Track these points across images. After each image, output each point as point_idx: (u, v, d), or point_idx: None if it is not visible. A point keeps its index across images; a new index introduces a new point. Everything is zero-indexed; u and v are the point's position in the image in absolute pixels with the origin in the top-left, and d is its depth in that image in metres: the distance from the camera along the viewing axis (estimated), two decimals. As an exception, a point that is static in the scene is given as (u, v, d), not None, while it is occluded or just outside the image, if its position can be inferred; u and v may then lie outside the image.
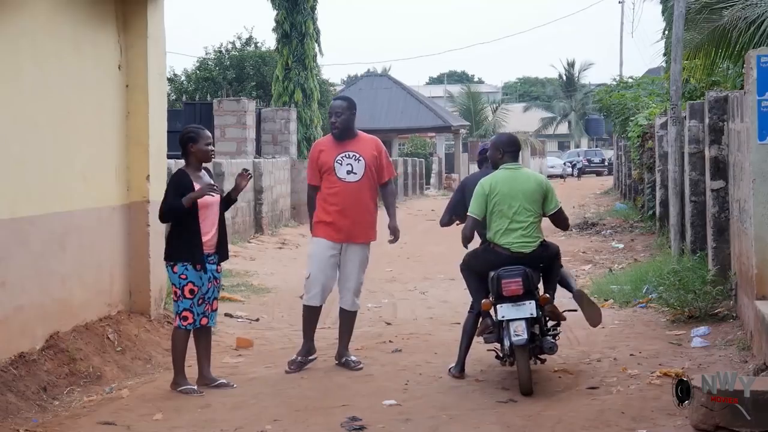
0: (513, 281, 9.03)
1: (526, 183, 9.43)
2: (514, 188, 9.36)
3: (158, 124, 11.53)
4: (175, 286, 9.03)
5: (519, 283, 9.02)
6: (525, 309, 9.00)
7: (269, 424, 7.93)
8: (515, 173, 9.46)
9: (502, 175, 9.47)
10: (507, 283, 9.03)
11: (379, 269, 19.14)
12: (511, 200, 9.33)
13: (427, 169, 56.92)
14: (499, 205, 9.34)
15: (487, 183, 9.44)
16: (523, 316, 8.96)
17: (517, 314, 8.98)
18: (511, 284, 9.02)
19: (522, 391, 8.82)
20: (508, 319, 9.01)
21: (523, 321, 8.94)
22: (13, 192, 8.86)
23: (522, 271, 9.08)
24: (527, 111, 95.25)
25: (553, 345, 9.21)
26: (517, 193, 9.35)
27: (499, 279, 9.07)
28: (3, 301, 8.66)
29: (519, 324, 8.93)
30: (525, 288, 9.04)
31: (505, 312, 9.03)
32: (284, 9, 35.93)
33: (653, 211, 21.64)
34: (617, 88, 34.79)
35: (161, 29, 11.65)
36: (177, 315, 9.09)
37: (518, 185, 9.38)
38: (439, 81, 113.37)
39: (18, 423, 7.90)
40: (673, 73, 15.83)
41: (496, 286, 9.11)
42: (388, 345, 11.19)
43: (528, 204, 9.35)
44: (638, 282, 14.08)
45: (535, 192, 9.40)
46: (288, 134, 31.86)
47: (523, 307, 9.01)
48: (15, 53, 8.98)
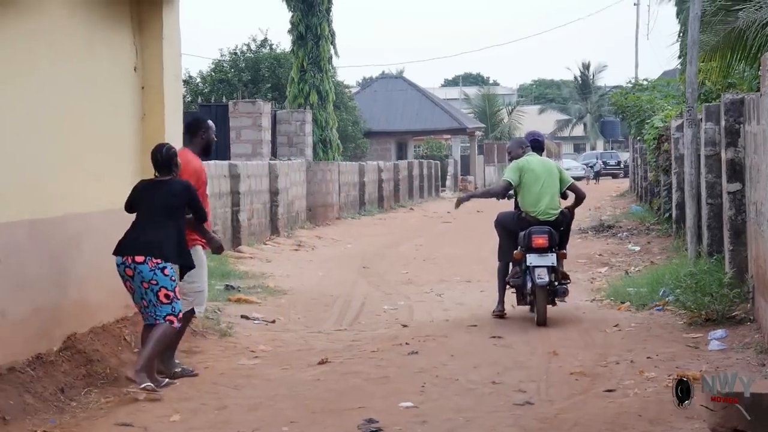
0: (541, 236, 12.10)
1: (548, 164, 12.79)
2: (540, 168, 12.55)
3: (174, 126, 11.52)
4: (167, 288, 9.08)
5: (545, 238, 12.10)
6: (548, 259, 12.07)
7: (286, 426, 7.93)
8: (540, 158, 12.78)
9: (531, 158, 12.65)
10: (536, 237, 12.10)
11: (395, 271, 19.17)
12: (537, 176, 12.44)
13: (442, 172, 56.93)
14: (529, 180, 12.43)
15: (523, 161, 12.60)
16: (545, 264, 12.04)
17: (541, 262, 12.05)
18: (539, 238, 12.08)
19: (538, 322, 12.06)
20: (534, 266, 12.02)
21: (545, 268, 12.01)
22: (29, 194, 8.87)
23: (548, 230, 12.20)
24: (543, 113, 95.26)
25: (565, 290, 12.46)
26: (543, 171, 12.53)
27: (530, 234, 12.14)
28: (21, 302, 8.67)
29: (542, 270, 11.99)
30: (549, 243, 12.11)
31: (532, 260, 12.07)
32: (300, 11, 35.99)
33: (669, 213, 21.60)
34: (633, 90, 34.71)
35: (177, 31, 11.65)
36: (174, 316, 9.13)
37: (543, 166, 12.62)
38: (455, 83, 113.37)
39: (36, 424, 7.92)
40: (688, 75, 15.78)
41: (527, 240, 12.14)
42: (405, 347, 11.17)
43: (551, 180, 12.50)
44: (655, 285, 14.04)
45: (554, 172, 12.61)
46: (303, 136, 31.90)
47: (546, 257, 12.07)
48: (31, 55, 8.99)
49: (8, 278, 8.49)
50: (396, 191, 43.42)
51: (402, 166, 45.42)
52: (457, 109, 70.35)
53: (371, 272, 19.16)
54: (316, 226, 29.48)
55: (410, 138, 63.59)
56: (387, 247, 24.47)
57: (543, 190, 12.41)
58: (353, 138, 51.23)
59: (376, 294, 16.06)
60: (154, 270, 9.04)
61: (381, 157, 53.74)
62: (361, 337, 11.96)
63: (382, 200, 40.46)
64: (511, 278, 12.56)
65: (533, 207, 12.40)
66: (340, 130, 40.49)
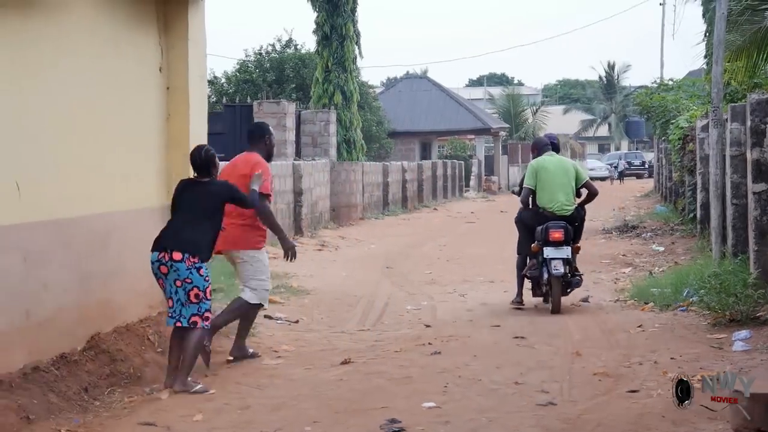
0: (557, 231, 13.15)
1: (562, 163, 13.73)
2: (554, 166, 13.55)
3: (199, 126, 11.56)
4: (199, 288, 9.17)
5: (561, 233, 13.15)
6: (563, 251, 13.16)
7: (308, 426, 7.94)
8: (553, 158, 13.71)
9: (544, 158, 13.68)
10: (553, 231, 13.15)
11: (419, 271, 19.17)
12: (552, 174, 13.45)
13: (466, 172, 56.88)
14: (546, 179, 13.44)
15: (536, 163, 13.67)
16: (561, 257, 13.13)
17: (557, 254, 13.12)
18: (555, 233, 13.13)
19: (552, 310, 13.16)
20: (550, 258, 13.09)
21: (561, 260, 13.10)
22: (54, 193, 8.91)
23: (564, 225, 13.26)
24: (567, 113, 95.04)
25: (579, 280, 13.60)
26: (557, 169, 13.54)
27: (548, 229, 13.18)
28: (45, 301, 8.71)
29: (558, 261, 13.09)
30: (565, 237, 13.16)
31: (549, 252, 13.14)
32: (324, 11, 36.00)
33: (694, 213, 21.51)
34: (658, 91, 34.60)
35: (202, 31, 11.68)
36: (199, 316, 9.20)
37: (556, 165, 13.60)
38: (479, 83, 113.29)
39: (60, 423, 7.95)
40: (714, 75, 15.71)
41: (544, 234, 13.18)
42: (428, 347, 11.17)
43: (565, 177, 13.51)
44: (679, 285, 13.99)
45: (569, 170, 13.62)
46: (328, 136, 31.93)
47: (562, 249, 13.15)
48: (56, 54, 9.03)
49: (32, 278, 8.53)
50: (420, 191, 43.41)
51: (426, 166, 45.41)
52: (481, 109, 70.24)
53: (395, 272, 19.17)
54: (339, 227, 29.50)
55: (434, 138, 63.54)
56: (410, 247, 24.48)
57: (557, 187, 13.48)
58: (377, 138, 51.23)
59: (400, 294, 16.07)
60: (190, 269, 9.15)
61: (405, 157, 53.74)
62: (384, 337, 11.97)
63: (406, 200, 40.46)
64: (528, 270, 13.60)
65: (549, 203, 13.46)
66: (364, 131, 40.48)
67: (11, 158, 8.31)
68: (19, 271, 8.37)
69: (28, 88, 8.59)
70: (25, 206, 8.43)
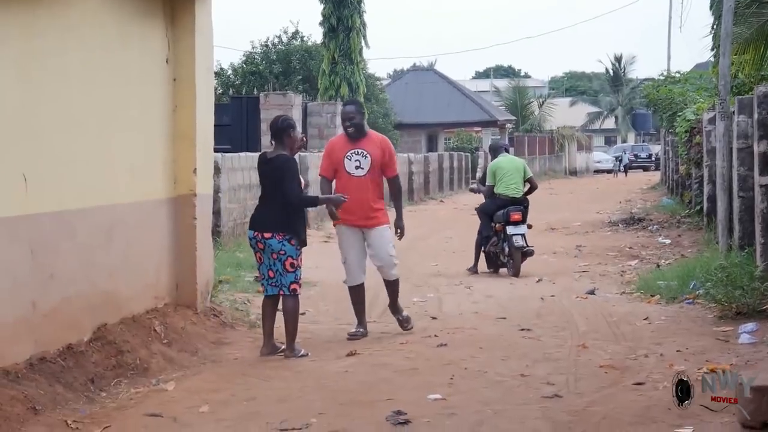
0: (517, 213, 16.95)
1: (513, 162, 17.67)
2: (507, 165, 17.43)
3: (205, 118, 11.57)
4: (293, 257, 10.25)
5: (520, 215, 16.98)
6: (521, 228, 16.95)
7: (314, 417, 7.94)
8: (506, 157, 17.72)
9: (499, 159, 17.59)
10: (513, 213, 16.91)
11: (425, 263, 19.16)
12: (507, 171, 17.32)
13: (472, 164, 56.78)
14: (502, 174, 17.30)
15: (493, 164, 17.57)
16: (520, 233, 16.84)
17: (517, 231, 16.82)
18: (515, 214, 16.92)
19: (513, 274, 16.81)
20: (511, 234, 16.76)
21: (520, 235, 16.83)
22: (60, 185, 8.91)
23: (521, 208, 17.12)
24: (573, 105, 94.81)
25: (532, 251, 17.16)
26: (510, 166, 17.42)
27: (509, 211, 16.92)
28: (51, 293, 8.73)
29: (518, 237, 16.81)
30: (522, 217, 16.99)
31: (510, 229, 16.80)
32: (331, 3, 36.04)
33: (701, 206, 21.50)
34: (665, 83, 34.53)
35: (209, 23, 11.68)
36: (297, 284, 10.34)
37: (510, 164, 17.49)
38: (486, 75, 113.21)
39: (66, 414, 7.96)
40: (721, 67, 15.70)
41: (506, 216, 16.91)
42: (434, 339, 11.18)
43: (516, 173, 17.35)
44: (685, 278, 14.00)
45: (518, 167, 17.48)
46: (334, 128, 31.93)
47: (520, 226, 16.93)
48: (63, 46, 9.02)
49: (39, 269, 8.54)
50: (426, 183, 43.40)
51: (432, 158, 45.38)
52: (487, 101, 70.18)
53: (401, 264, 18.88)
54: (346, 218, 29.44)
55: (441, 130, 63.54)
56: (417, 239, 24.42)
57: (510, 178, 17.30)
58: (384, 130, 51.03)
59: (406, 286, 15.98)
60: (282, 242, 10.18)
61: (411, 149, 53.72)
62: (389, 329, 11.96)
63: (413, 192, 40.45)
64: (491, 246, 17.29)
65: (505, 189, 17.25)
66: (370, 122, 40.39)
67: (18, 150, 8.32)
68: (26, 262, 8.38)
69: (34, 81, 8.58)
70: (32, 198, 8.43)
